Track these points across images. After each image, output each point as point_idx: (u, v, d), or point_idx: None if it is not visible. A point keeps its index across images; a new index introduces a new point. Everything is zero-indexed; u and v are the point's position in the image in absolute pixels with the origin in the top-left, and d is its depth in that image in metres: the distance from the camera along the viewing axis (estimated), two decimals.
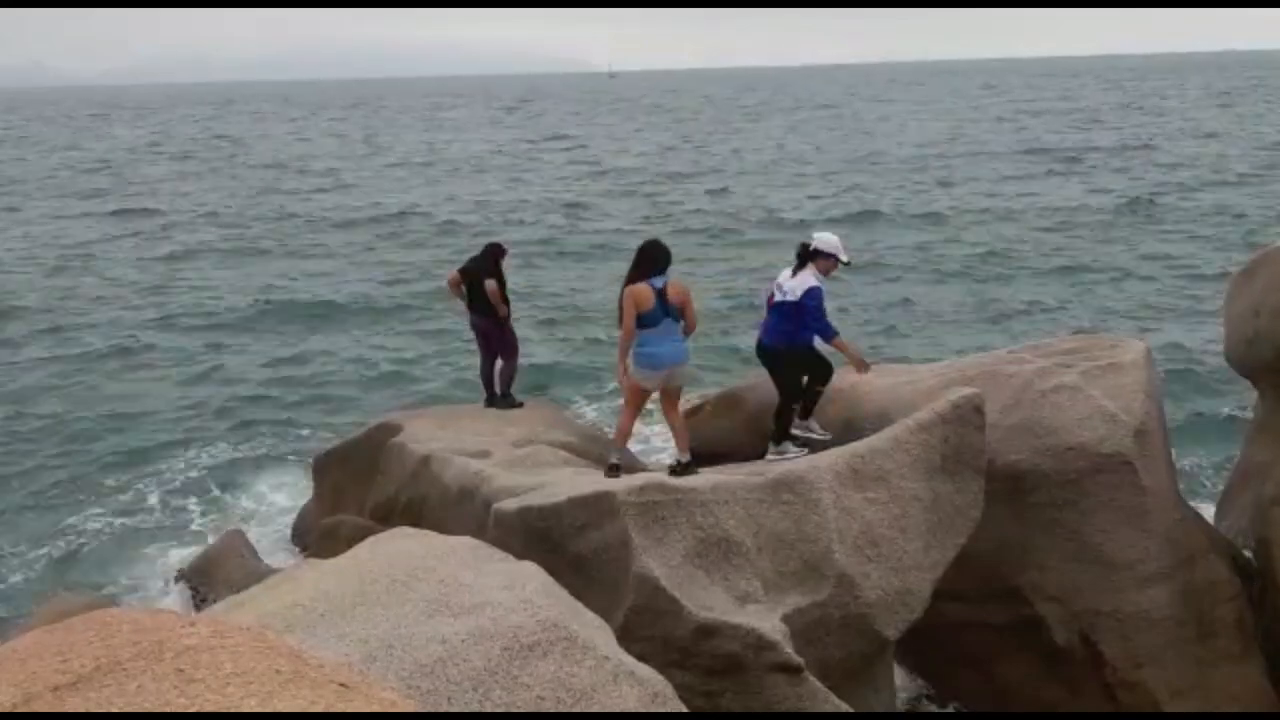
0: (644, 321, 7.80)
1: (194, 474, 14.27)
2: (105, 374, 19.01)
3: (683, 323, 7.92)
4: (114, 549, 12.10)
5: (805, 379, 8.20)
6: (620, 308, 7.83)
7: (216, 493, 13.58)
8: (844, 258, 8.09)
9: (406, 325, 22.13)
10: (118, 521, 12.85)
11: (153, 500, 13.45)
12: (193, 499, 13.43)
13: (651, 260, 7.90)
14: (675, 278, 7.98)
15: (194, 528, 12.52)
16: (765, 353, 8.20)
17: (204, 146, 74.99)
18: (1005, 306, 22.13)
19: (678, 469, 7.71)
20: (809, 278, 7.92)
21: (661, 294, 7.79)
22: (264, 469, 14.34)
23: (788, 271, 8.09)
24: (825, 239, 8.11)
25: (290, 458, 14.63)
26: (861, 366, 8.23)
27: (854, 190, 40.27)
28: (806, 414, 8.25)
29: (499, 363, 10.98)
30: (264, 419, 16.49)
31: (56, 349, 20.69)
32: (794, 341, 8.04)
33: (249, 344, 20.97)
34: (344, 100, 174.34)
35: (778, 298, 8.05)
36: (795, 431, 8.13)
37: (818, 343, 8.17)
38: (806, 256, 8.03)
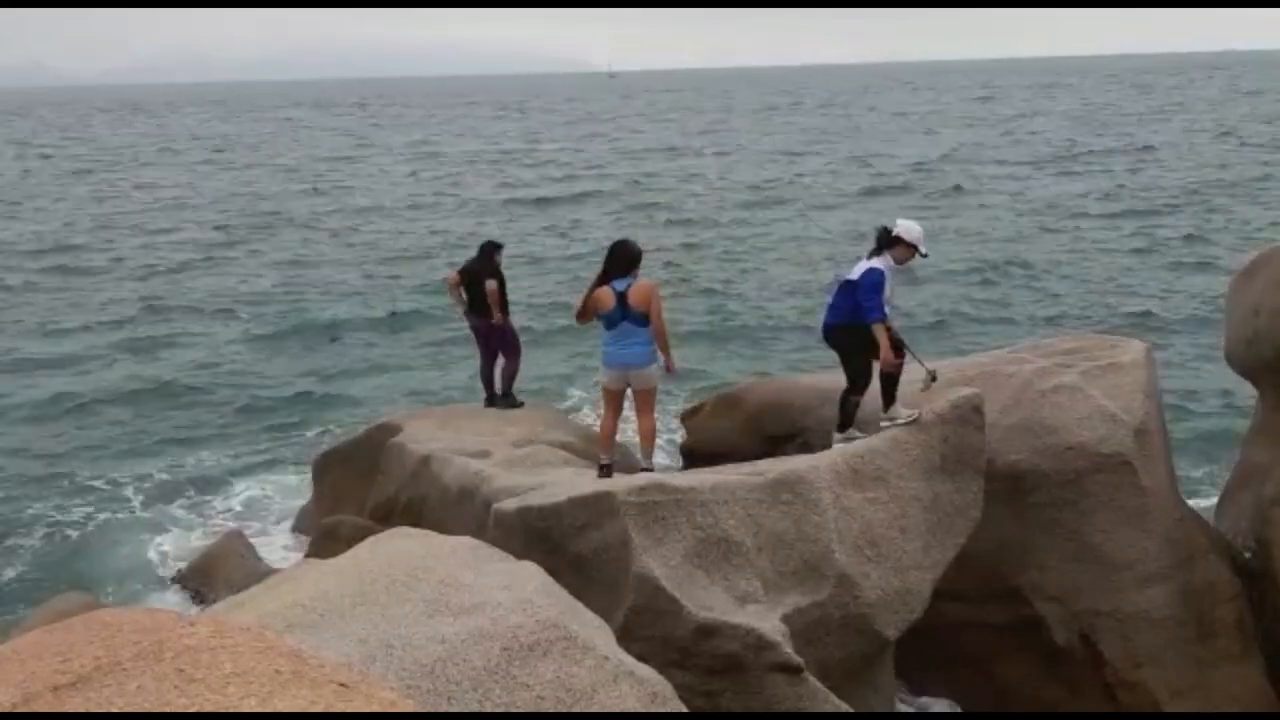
0: (605, 323, 7.88)
1: (194, 474, 14.26)
2: (102, 374, 19.02)
3: (649, 326, 7.89)
4: (114, 549, 12.09)
5: (872, 361, 7.79)
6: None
7: (216, 492, 13.57)
8: (923, 249, 7.80)
9: (407, 325, 22.12)
10: (117, 521, 12.84)
11: (152, 500, 13.43)
12: (192, 499, 13.42)
13: (614, 262, 7.93)
14: (642, 280, 7.99)
15: (194, 528, 12.52)
16: (827, 331, 7.91)
17: (201, 147, 75.00)
18: (1006, 306, 22.14)
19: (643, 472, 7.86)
20: (876, 261, 7.62)
21: (623, 297, 7.84)
22: (264, 469, 14.34)
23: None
24: (909, 227, 7.76)
25: (290, 458, 14.62)
26: (888, 360, 7.60)
27: (853, 191, 40.29)
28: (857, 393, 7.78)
29: (499, 363, 10.98)
30: (264, 419, 16.50)
31: (55, 349, 20.70)
32: (855, 319, 7.67)
33: (247, 344, 20.98)
34: (345, 100, 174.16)
35: (845, 277, 7.81)
36: (899, 418, 7.62)
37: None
38: (886, 242, 7.71)
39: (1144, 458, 7.86)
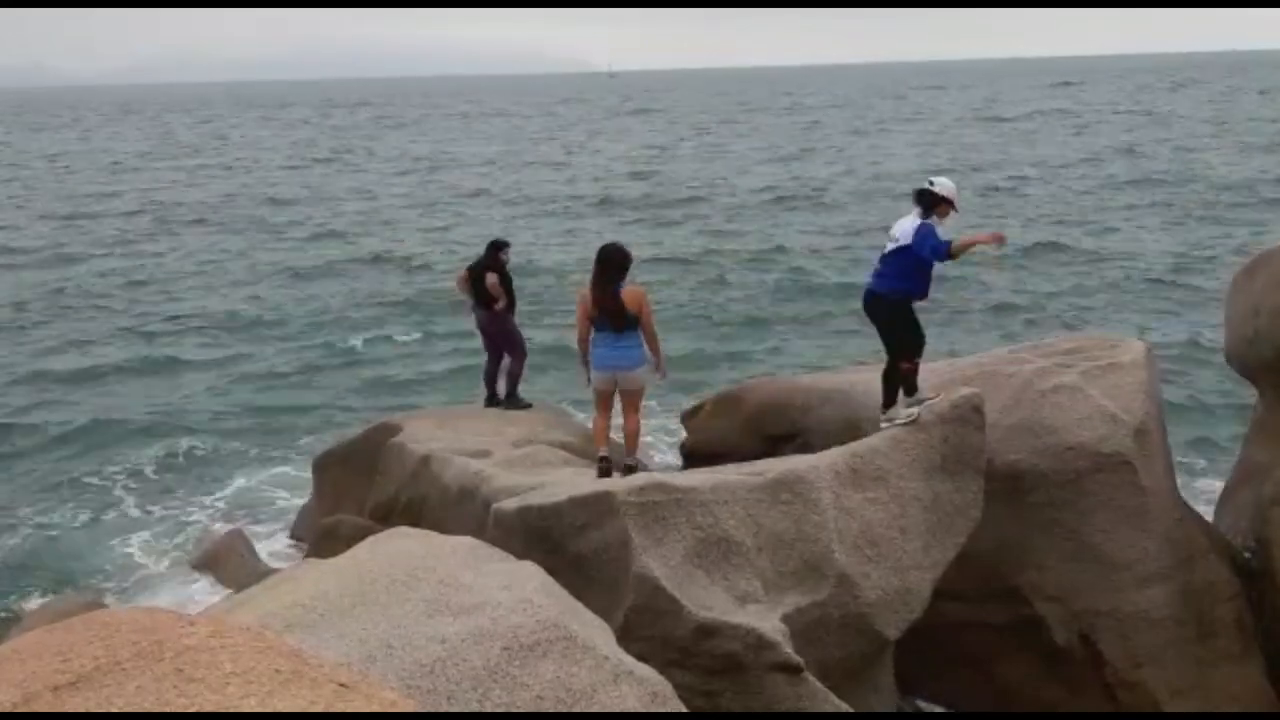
0: (596, 326, 8.02)
1: (194, 474, 14.27)
2: (102, 374, 19.02)
3: (639, 330, 8.03)
4: (113, 548, 12.10)
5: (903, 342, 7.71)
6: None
7: (216, 492, 13.59)
8: (958, 206, 7.67)
9: (408, 327, 22.13)
10: (116, 521, 12.86)
11: (152, 500, 13.45)
12: (192, 499, 13.44)
13: (609, 267, 8.00)
14: (631, 284, 8.08)
15: (193, 527, 12.52)
16: (872, 299, 7.76)
17: (202, 149, 75.01)
18: (1006, 306, 22.13)
19: (624, 470, 8.03)
20: (920, 219, 7.46)
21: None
22: (264, 469, 14.34)
23: (903, 219, 7.63)
24: (946, 184, 7.62)
25: (290, 458, 14.63)
26: (997, 238, 7.56)
27: (854, 191, 40.31)
28: (905, 393, 7.59)
29: (504, 363, 10.99)
30: (263, 419, 16.50)
31: (52, 350, 20.70)
32: (909, 290, 7.58)
33: (247, 345, 20.98)
34: (346, 99, 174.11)
35: (890, 247, 7.64)
36: (898, 419, 7.53)
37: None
38: (931, 203, 7.50)
39: (1144, 458, 7.86)
